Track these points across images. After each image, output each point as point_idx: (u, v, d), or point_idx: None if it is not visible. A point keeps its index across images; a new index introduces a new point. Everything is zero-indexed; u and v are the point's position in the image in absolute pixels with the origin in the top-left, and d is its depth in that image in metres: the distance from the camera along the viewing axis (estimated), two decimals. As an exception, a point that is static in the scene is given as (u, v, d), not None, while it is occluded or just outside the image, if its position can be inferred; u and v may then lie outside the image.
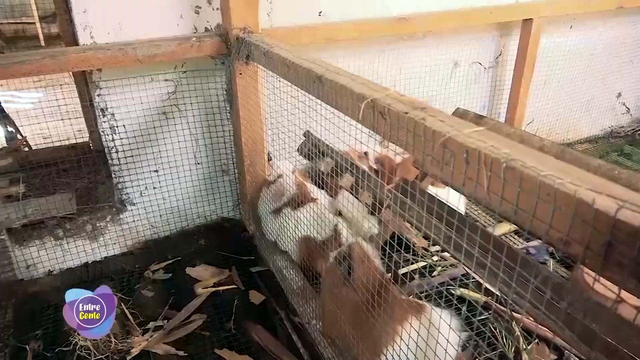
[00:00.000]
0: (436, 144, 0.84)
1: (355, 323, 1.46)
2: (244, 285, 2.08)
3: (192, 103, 2.19)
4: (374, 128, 1.04)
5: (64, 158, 2.68)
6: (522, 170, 0.67)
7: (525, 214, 0.68)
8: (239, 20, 1.94)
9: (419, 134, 0.89)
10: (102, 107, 2.07)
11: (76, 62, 1.81)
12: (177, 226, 2.40)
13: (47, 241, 2.17)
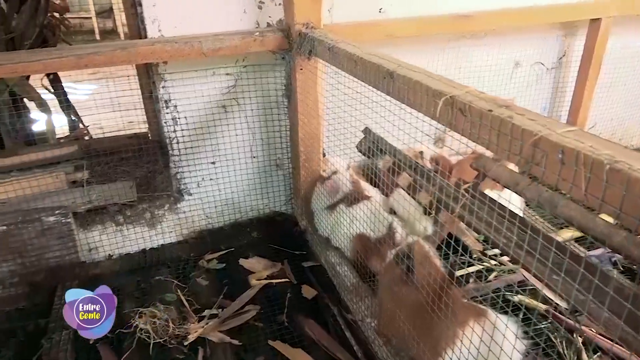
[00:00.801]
0: (526, 143, 0.81)
1: (415, 323, 1.45)
2: (296, 280, 2.10)
3: (251, 97, 2.22)
4: (452, 125, 1.02)
5: (124, 147, 2.79)
6: (630, 173, 0.64)
7: (631, 218, 0.65)
8: (301, 16, 1.95)
9: (505, 132, 0.86)
10: (165, 98, 2.12)
11: (145, 54, 1.87)
12: (230, 218, 2.45)
13: (109, 226, 2.26)
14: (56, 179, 2.40)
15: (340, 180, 2.12)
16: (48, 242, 2.16)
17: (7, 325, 1.95)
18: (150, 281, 2.15)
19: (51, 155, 2.62)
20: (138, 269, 2.24)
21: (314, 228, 2.27)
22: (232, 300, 1.98)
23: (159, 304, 1.90)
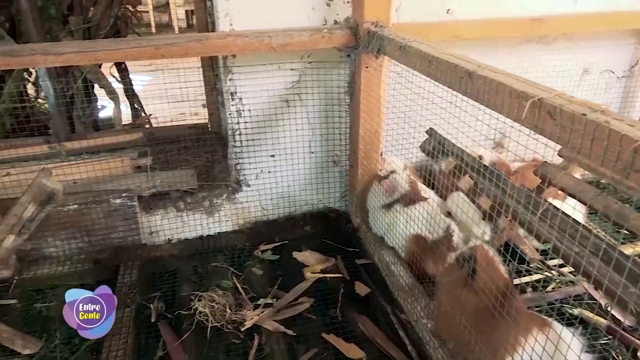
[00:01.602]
0: (625, 149, 0.79)
1: (475, 327, 1.43)
2: (349, 276, 2.11)
3: (313, 93, 2.25)
4: (538, 128, 1.00)
5: (184, 137, 2.89)
6: None
7: None
8: (371, 14, 1.96)
9: (601, 137, 0.84)
10: (232, 91, 2.18)
11: (218, 47, 1.93)
12: (285, 211, 2.49)
13: (170, 212, 2.34)
14: (122, 163, 2.51)
15: (398, 180, 2.12)
16: (113, 223, 2.27)
17: (74, 298, 2.05)
18: (207, 267, 2.22)
19: (117, 140, 2.75)
20: (195, 254, 2.32)
21: (367, 226, 2.27)
22: (286, 291, 2.02)
23: (218, 290, 1.95)
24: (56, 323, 1.92)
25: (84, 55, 1.83)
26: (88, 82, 2.84)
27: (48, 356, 1.79)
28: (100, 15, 2.73)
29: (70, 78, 2.74)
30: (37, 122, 2.96)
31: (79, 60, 1.85)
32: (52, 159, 2.57)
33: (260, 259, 2.25)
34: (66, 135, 2.70)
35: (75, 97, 2.78)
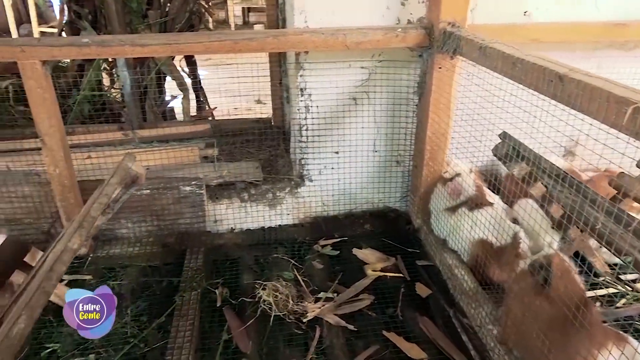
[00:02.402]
0: None
1: (547, 337, 1.40)
2: (409, 276, 2.11)
3: (382, 92, 2.26)
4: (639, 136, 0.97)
5: (248, 130, 2.97)
6: None
7: None
8: (447, 14, 1.94)
9: None
10: (302, 87, 2.22)
11: (293, 43, 1.97)
12: (345, 208, 2.51)
13: (235, 202, 2.41)
14: (191, 153, 2.61)
15: (464, 183, 2.09)
16: (182, 209, 2.36)
17: (143, 279, 2.15)
18: (268, 258, 2.27)
19: (185, 131, 2.86)
20: (257, 244, 2.38)
21: (429, 228, 2.26)
22: (346, 287, 2.04)
23: (282, 280, 2.00)
24: (127, 300, 2.03)
25: (168, 47, 1.92)
26: (161, 74, 2.96)
27: (120, 331, 1.89)
28: (176, 10, 2.84)
29: (145, 69, 2.87)
30: (110, 110, 3.13)
31: (163, 52, 1.94)
32: (126, 145, 2.71)
33: (320, 253, 2.28)
34: (139, 124, 2.83)
35: (148, 87, 2.91)
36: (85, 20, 2.97)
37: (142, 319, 1.96)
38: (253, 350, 1.76)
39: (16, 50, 1.83)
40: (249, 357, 1.74)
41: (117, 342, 1.83)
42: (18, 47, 1.83)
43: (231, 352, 1.78)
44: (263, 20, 11.12)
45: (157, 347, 1.82)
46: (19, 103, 2.84)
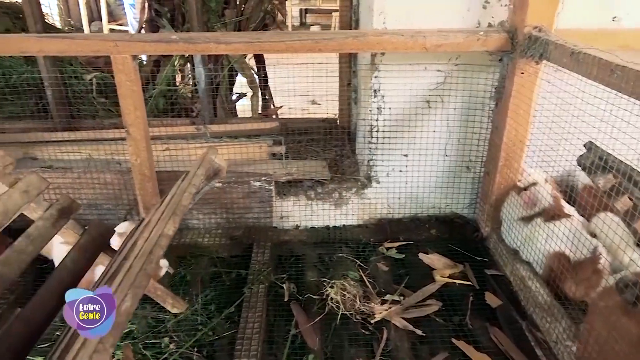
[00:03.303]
0: None
1: (634, 358, 1.33)
2: (478, 285, 2.06)
3: (457, 96, 2.22)
4: None
5: (314, 129, 3.00)
6: None
7: None
8: (533, 18, 1.88)
9: None
10: (375, 88, 2.22)
11: (372, 43, 1.97)
12: (411, 211, 2.49)
13: (301, 199, 2.45)
14: (260, 149, 2.67)
15: (540, 193, 2.03)
16: (250, 204, 2.42)
17: (212, 269, 2.22)
18: (332, 257, 2.28)
19: (254, 127, 2.92)
20: (321, 242, 2.40)
21: (499, 237, 2.20)
22: (412, 291, 2.02)
23: (349, 279, 2.01)
24: (197, 289, 2.10)
25: (250, 46, 1.97)
26: (233, 72, 3.05)
27: (190, 318, 1.96)
28: (251, 10, 2.92)
29: (218, 66, 2.96)
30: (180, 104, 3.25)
31: (245, 50, 2.00)
32: (198, 139, 2.81)
33: (385, 255, 2.27)
34: (210, 119, 2.93)
35: (220, 84, 3.00)
36: (164, 18, 3.10)
37: (210, 307, 2.02)
38: (318, 347, 1.78)
39: (110, 45, 1.94)
40: (315, 352, 1.76)
41: (188, 328, 1.90)
42: (112, 42, 1.94)
43: (297, 347, 1.80)
44: (319, 21, 11.23)
45: (225, 336, 1.88)
46: (100, 95, 3.00)
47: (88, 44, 1.95)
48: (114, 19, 10.24)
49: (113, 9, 10.39)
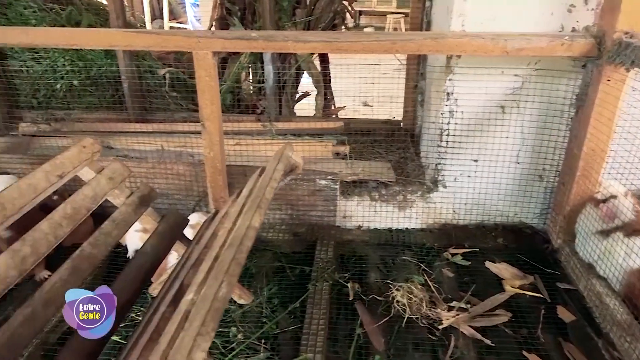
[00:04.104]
0: None
1: None
2: (549, 298, 1.99)
3: (533, 102, 2.16)
4: None
5: (377, 130, 2.99)
6: None
7: None
8: (624, 23, 1.80)
9: None
10: (449, 91, 2.19)
11: (451, 46, 1.95)
12: (477, 218, 2.43)
13: (365, 200, 2.44)
14: (325, 148, 2.69)
15: (620, 206, 1.93)
16: (315, 202, 2.44)
17: (276, 264, 2.26)
18: (395, 259, 2.27)
19: (318, 126, 2.95)
20: (384, 244, 2.39)
21: (572, 250, 2.12)
22: (479, 299, 1.98)
23: (416, 283, 1.99)
24: (261, 282, 2.13)
25: (327, 45, 1.99)
26: (300, 70, 3.09)
27: (254, 310, 2.00)
28: (321, 10, 2.94)
29: (286, 65, 3.00)
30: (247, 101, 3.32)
31: (322, 49, 2.02)
32: (263, 135, 2.86)
33: (450, 261, 2.23)
34: (275, 116, 2.98)
35: (286, 82, 3.05)
36: (234, 16, 3.17)
37: (274, 301, 2.05)
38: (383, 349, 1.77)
39: (193, 41, 2.01)
40: (380, 354, 1.75)
41: (253, 319, 1.94)
42: (195, 38, 2.01)
43: (360, 347, 1.80)
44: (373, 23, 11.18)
45: (289, 330, 1.90)
46: (172, 89, 3.12)
47: (173, 40, 2.03)
48: (174, 17, 10.61)
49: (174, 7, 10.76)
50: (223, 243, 1.32)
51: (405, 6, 11.53)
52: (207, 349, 0.88)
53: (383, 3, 11.36)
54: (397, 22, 10.28)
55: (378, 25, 11.05)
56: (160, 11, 10.17)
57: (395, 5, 11.45)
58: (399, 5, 11.43)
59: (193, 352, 0.86)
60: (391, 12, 10.77)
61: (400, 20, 10.33)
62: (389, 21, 10.40)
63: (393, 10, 11.07)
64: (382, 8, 11.16)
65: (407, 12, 10.69)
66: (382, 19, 11.03)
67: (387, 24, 10.43)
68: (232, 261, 1.10)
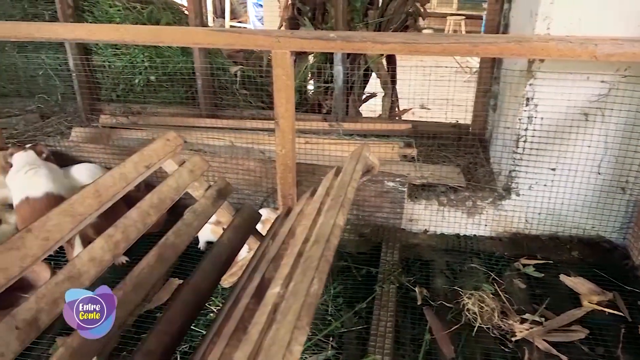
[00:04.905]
0: None
1: None
2: (630, 317, 1.89)
3: (620, 110, 2.05)
4: None
5: (445, 134, 2.94)
6: None
7: None
8: None
9: None
10: (529, 96, 2.12)
11: (536, 49, 1.87)
12: (550, 229, 2.34)
13: (433, 204, 2.41)
14: (392, 150, 2.68)
15: None
16: (382, 203, 2.43)
17: (342, 263, 2.27)
18: (462, 266, 2.22)
19: (385, 127, 2.94)
20: (451, 250, 2.35)
21: (656, 268, 2.00)
22: (554, 313, 1.91)
23: (488, 292, 1.95)
24: (328, 280, 2.15)
25: (405, 46, 1.97)
26: (369, 71, 3.08)
27: (320, 308, 2.01)
28: (393, 11, 2.93)
29: (355, 65, 3.01)
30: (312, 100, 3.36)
31: (400, 50, 2.01)
32: (329, 135, 2.88)
33: (521, 272, 2.16)
34: (342, 116, 2.99)
35: (354, 83, 3.05)
36: (305, 17, 3.21)
37: (339, 300, 2.06)
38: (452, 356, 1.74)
39: (272, 40, 2.05)
40: (448, 362, 1.72)
41: (319, 317, 1.96)
42: (275, 38, 2.04)
43: (428, 352, 1.78)
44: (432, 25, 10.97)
45: (354, 330, 1.91)
46: (242, 87, 3.20)
47: (252, 39, 2.08)
48: (235, 16, 10.88)
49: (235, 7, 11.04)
50: (305, 240, 1.34)
51: (466, 8, 11.27)
52: (303, 343, 0.90)
53: (443, 5, 11.15)
54: (458, 24, 10.04)
55: (437, 27, 10.84)
56: (222, 11, 10.45)
57: (456, 7, 11.21)
58: (460, 7, 11.19)
59: (291, 345, 0.88)
60: (451, 14, 10.54)
61: (461, 22, 10.08)
62: (449, 23, 10.18)
63: (453, 12, 10.84)
64: (443, 10, 10.95)
65: (467, 13, 10.52)
66: (442, 21, 10.82)
67: (446, 26, 10.21)
68: (321, 258, 1.12)
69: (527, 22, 2.13)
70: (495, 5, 2.64)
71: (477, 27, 10.12)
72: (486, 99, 2.79)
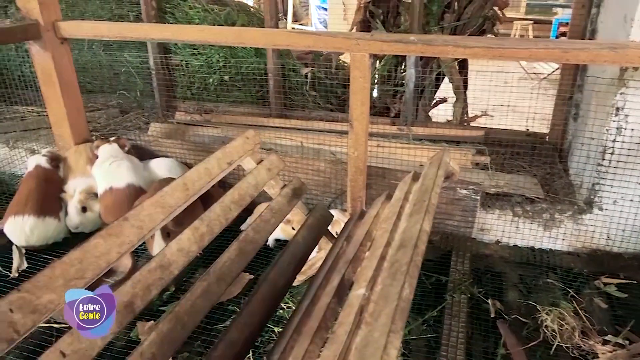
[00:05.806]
0: None
1: None
2: None
3: None
4: None
5: (519, 143, 2.83)
6: None
7: None
8: None
9: None
10: (619, 106, 2.01)
11: (633, 57, 1.77)
12: (635, 247, 2.21)
13: (507, 214, 2.33)
14: (464, 156, 2.62)
15: None
16: (453, 211, 2.38)
17: (409, 269, 2.23)
18: (537, 280, 2.13)
19: (455, 133, 2.88)
20: (525, 263, 2.26)
21: None
22: (639, 337, 1.79)
23: (569, 310, 1.86)
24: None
25: (490, 51, 1.92)
26: (441, 76, 3.03)
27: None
28: (470, 15, 2.86)
29: (427, 69, 2.97)
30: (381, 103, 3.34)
31: (484, 55, 1.95)
32: (398, 138, 2.86)
33: (602, 291, 2.05)
34: (412, 120, 2.96)
35: (425, 87, 3.01)
36: (377, 20, 3.21)
37: (413, 305, 2.03)
38: (526, 374, 1.68)
39: (352, 43, 2.06)
40: (524, 379, 1.66)
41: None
42: (354, 40, 2.05)
43: (501, 368, 1.72)
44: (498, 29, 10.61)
45: (422, 338, 1.88)
46: (312, 89, 3.24)
47: (332, 41, 2.10)
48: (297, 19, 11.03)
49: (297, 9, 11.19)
50: (386, 243, 1.34)
51: (534, 12, 10.86)
52: (399, 347, 0.90)
53: (510, 9, 10.79)
54: (525, 29, 9.68)
55: (503, 31, 10.50)
56: (285, 13, 10.62)
57: (524, 12, 10.83)
58: (528, 12, 10.80)
59: (388, 348, 0.87)
60: (519, 19, 10.18)
61: (529, 27, 9.72)
62: (516, 27, 9.84)
63: (521, 16, 10.47)
64: (510, 14, 10.59)
65: (535, 18, 10.12)
66: (508, 26, 10.47)
67: (513, 30, 9.88)
68: (411, 263, 1.11)
69: (620, 28, 2.02)
70: (581, 10, 2.52)
71: (544, 32, 9.75)
72: (567, 108, 2.67)
